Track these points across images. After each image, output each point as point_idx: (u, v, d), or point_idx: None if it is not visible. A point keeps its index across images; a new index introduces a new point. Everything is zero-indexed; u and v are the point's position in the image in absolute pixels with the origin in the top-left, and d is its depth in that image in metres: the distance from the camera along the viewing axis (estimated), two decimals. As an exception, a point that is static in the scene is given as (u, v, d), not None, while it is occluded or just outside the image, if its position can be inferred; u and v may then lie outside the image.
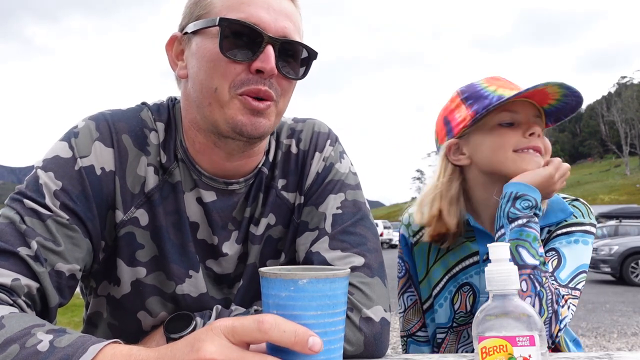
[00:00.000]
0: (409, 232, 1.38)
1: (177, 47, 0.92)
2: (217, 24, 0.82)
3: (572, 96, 1.15)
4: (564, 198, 1.22)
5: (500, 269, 0.61)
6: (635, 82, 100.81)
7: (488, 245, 0.65)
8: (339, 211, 0.96)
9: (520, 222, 1.05)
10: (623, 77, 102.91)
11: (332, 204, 0.96)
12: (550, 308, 0.98)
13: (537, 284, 0.99)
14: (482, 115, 1.16)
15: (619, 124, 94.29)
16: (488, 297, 0.62)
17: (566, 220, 1.16)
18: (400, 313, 1.43)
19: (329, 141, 1.03)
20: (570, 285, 1.07)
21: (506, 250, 0.63)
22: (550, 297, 0.99)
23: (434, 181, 1.26)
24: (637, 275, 11.48)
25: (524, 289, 0.98)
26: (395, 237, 36.08)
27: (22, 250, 0.75)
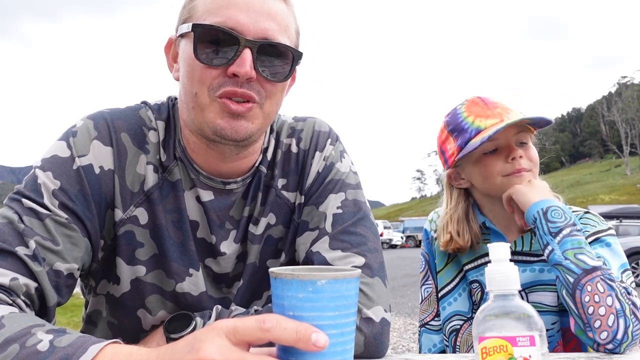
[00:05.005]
0: (431, 226, 1.46)
1: (173, 49, 0.92)
2: (190, 29, 0.81)
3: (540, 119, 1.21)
4: (575, 212, 1.25)
5: (500, 269, 0.61)
6: (635, 81, 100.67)
7: (488, 245, 0.65)
8: (340, 211, 0.96)
9: (565, 232, 1.08)
10: (623, 77, 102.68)
11: (333, 204, 0.96)
12: (627, 299, 1.01)
13: (609, 282, 1.01)
14: (466, 153, 1.22)
15: (620, 124, 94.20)
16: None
17: (588, 231, 1.20)
18: (420, 304, 1.51)
19: (329, 140, 1.03)
20: (623, 282, 1.09)
21: (506, 250, 0.62)
22: (622, 291, 1.02)
23: (445, 207, 1.37)
24: (637, 275, 11.47)
25: (602, 290, 1.00)
26: (395, 237, 36.07)
27: (20, 250, 0.75)
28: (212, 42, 0.81)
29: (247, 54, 0.80)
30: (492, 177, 1.23)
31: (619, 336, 0.97)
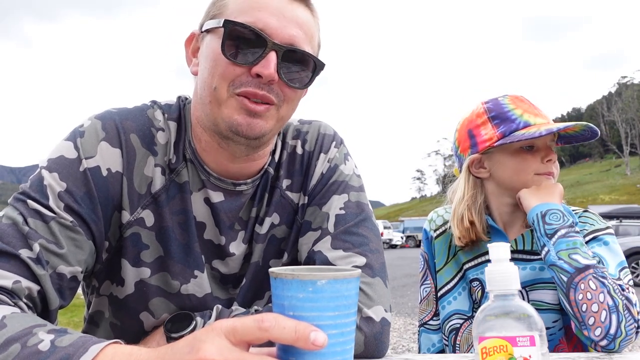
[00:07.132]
0: (431, 226, 1.47)
1: (194, 44, 0.93)
2: (221, 25, 0.82)
3: (589, 131, 1.25)
4: (573, 211, 1.27)
5: (500, 269, 0.61)
6: (635, 82, 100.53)
7: (488, 245, 0.65)
8: (342, 212, 0.96)
9: (560, 233, 1.10)
10: (623, 77, 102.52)
11: (336, 205, 0.97)
12: (620, 295, 1.02)
13: (602, 279, 1.03)
14: (511, 142, 1.23)
15: (620, 124, 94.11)
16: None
17: (586, 229, 1.21)
18: (419, 304, 1.52)
19: (334, 143, 1.04)
20: (621, 279, 1.10)
21: (506, 251, 0.63)
22: (615, 287, 1.03)
23: (460, 194, 1.35)
24: (637, 276, 11.47)
25: (594, 288, 1.02)
26: (395, 237, 36.08)
27: (24, 253, 0.74)
28: (240, 40, 0.82)
29: (272, 57, 0.81)
30: (525, 172, 1.25)
31: (612, 331, 0.98)
